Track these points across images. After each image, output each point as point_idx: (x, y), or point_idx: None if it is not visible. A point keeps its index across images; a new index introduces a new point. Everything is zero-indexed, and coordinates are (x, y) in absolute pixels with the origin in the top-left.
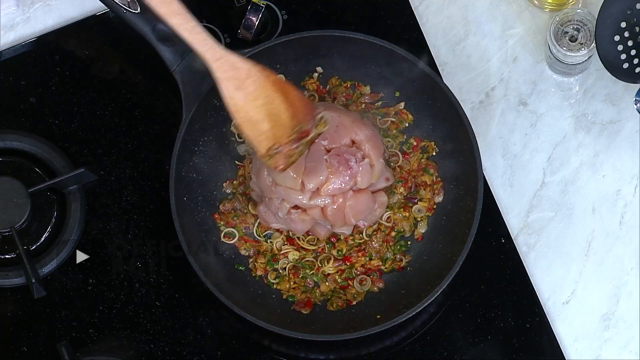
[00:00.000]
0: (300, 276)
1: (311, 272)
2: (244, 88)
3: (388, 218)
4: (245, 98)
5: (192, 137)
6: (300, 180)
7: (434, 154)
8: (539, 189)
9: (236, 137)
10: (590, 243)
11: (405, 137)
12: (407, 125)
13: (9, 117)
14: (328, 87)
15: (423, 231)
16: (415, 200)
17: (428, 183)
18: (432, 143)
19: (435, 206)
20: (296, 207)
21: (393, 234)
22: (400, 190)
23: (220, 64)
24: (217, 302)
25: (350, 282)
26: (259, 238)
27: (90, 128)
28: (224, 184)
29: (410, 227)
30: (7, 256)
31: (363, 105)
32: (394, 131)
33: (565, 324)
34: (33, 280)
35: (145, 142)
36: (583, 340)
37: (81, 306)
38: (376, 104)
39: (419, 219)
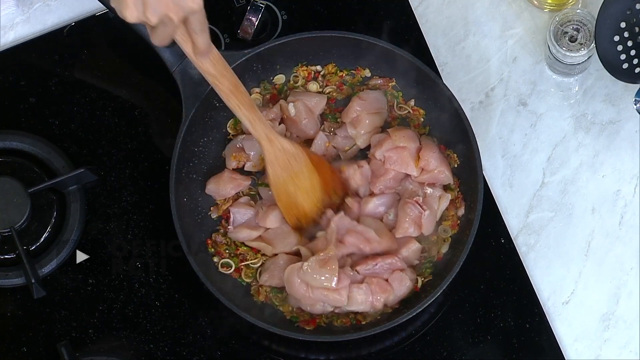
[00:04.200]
0: None
1: None
2: (289, 168)
3: (423, 249)
4: (288, 176)
5: (192, 137)
6: (336, 275)
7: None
8: (538, 189)
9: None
10: (590, 243)
11: (428, 129)
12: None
13: (9, 117)
14: (323, 71)
15: (444, 251)
16: (440, 221)
17: (451, 198)
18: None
19: (459, 222)
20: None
21: (423, 260)
22: None
23: (273, 149)
24: (217, 302)
25: None
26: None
27: (90, 128)
28: (211, 209)
29: (437, 250)
30: (7, 256)
31: (376, 83)
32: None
33: (565, 324)
34: (33, 281)
35: (145, 142)
36: (583, 340)
37: (81, 306)
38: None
39: (444, 239)
